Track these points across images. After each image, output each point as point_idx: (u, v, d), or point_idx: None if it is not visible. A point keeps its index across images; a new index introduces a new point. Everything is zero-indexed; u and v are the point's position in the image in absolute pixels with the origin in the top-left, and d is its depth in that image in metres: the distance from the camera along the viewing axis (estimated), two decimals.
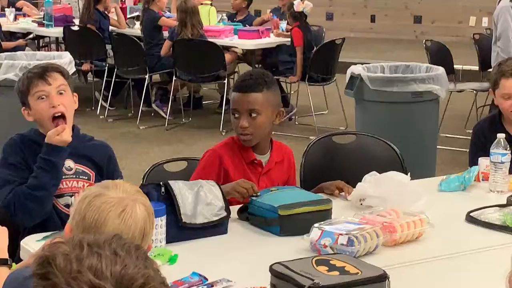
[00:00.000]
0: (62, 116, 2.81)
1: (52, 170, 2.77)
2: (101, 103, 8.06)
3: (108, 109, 8.00)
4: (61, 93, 2.82)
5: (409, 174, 2.99)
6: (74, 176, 2.87)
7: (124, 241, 1.23)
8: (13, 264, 2.41)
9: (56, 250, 1.19)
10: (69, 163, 2.85)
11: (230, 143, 3.02)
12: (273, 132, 3.09)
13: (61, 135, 2.76)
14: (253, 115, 2.92)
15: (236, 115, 2.95)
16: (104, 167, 2.92)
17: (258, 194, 2.76)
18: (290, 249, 2.45)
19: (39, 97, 2.81)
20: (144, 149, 6.85)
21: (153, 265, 1.23)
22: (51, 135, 2.76)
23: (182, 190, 2.61)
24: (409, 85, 5.15)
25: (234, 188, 2.78)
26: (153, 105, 8.02)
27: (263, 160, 3.02)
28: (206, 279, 2.21)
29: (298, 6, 7.48)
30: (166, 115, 7.71)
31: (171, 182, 2.62)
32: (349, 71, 5.38)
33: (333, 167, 3.48)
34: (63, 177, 2.84)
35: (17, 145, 2.83)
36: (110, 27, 8.34)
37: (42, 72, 2.82)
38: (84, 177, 2.88)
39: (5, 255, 2.34)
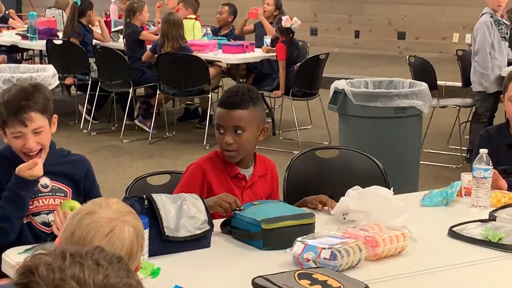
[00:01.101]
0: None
1: (18, 202, 2.72)
2: (84, 117, 8.04)
3: (92, 122, 7.98)
4: (37, 132, 2.75)
5: (392, 188, 3.00)
6: (51, 194, 2.83)
7: (106, 252, 1.23)
8: None
9: (39, 260, 1.18)
10: (45, 180, 2.81)
11: (213, 157, 3.02)
12: (256, 147, 3.09)
13: (33, 170, 2.70)
14: (239, 131, 2.93)
15: (221, 131, 2.95)
16: (82, 182, 2.88)
17: (242, 208, 2.76)
18: (273, 262, 2.45)
19: (15, 136, 2.75)
20: (128, 162, 6.83)
21: (135, 277, 1.24)
22: (22, 169, 2.70)
23: (165, 203, 2.60)
24: (393, 100, 5.17)
25: (217, 203, 2.78)
26: (136, 121, 8.01)
27: (247, 174, 3.02)
28: None
29: (285, 22, 7.52)
30: (150, 129, 7.70)
31: (154, 195, 2.62)
32: (332, 86, 5.40)
33: (317, 182, 3.48)
34: (40, 195, 2.81)
35: None
36: (94, 41, 8.33)
37: (19, 112, 2.70)
38: (60, 194, 2.84)
39: None
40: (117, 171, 6.47)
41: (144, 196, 2.61)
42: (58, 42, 8.13)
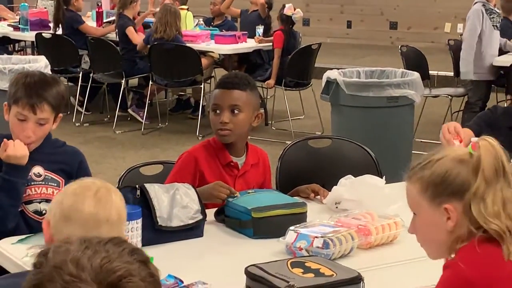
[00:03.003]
0: None
1: (10, 189, 2.72)
2: (76, 108, 8.02)
3: (84, 114, 7.97)
4: (40, 124, 2.75)
5: (384, 177, 3.01)
6: (43, 183, 2.83)
7: (123, 244, 1.22)
8: None
9: (54, 244, 1.22)
10: (38, 169, 2.81)
11: (206, 145, 3.03)
12: (249, 137, 3.10)
13: (8, 150, 2.69)
14: (235, 111, 2.94)
15: (218, 111, 2.95)
16: (74, 174, 2.86)
17: (236, 195, 2.76)
18: (266, 251, 2.45)
19: (18, 118, 2.74)
20: (120, 153, 6.83)
21: (145, 266, 1.21)
22: (10, 155, 2.70)
23: (158, 193, 2.61)
24: (385, 90, 5.19)
25: (212, 194, 2.78)
26: (129, 110, 8.00)
27: (239, 163, 3.03)
28: (182, 282, 2.21)
29: (287, 10, 7.52)
30: (143, 119, 7.70)
31: (147, 185, 2.62)
32: (325, 76, 5.41)
33: (309, 171, 3.49)
34: (32, 183, 2.80)
35: None
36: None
37: (35, 98, 2.71)
38: (53, 184, 2.84)
39: None
40: (110, 162, 6.47)
41: (136, 186, 2.62)
42: (47, 35, 8.08)
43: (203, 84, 7.51)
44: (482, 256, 1.74)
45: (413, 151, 5.62)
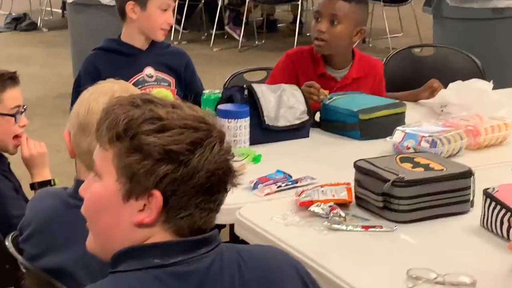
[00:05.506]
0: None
1: None
2: (174, 27, 8.10)
3: (182, 32, 8.04)
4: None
5: (491, 81, 2.94)
6: (156, 83, 2.88)
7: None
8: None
9: None
10: (149, 70, 2.87)
11: (306, 50, 2.98)
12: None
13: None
14: (335, 22, 2.89)
15: (318, 19, 2.92)
16: (182, 74, 2.94)
17: (327, 96, 2.75)
18: (372, 150, 2.45)
19: (162, 8, 2.82)
20: (218, 69, 6.88)
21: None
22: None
23: (265, 93, 2.62)
24: (490, 1, 5.02)
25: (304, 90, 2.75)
26: (226, 27, 8.02)
27: (338, 75, 2.98)
28: (291, 177, 2.24)
29: None
30: (239, 37, 7.71)
31: (254, 85, 2.65)
32: None
33: (413, 80, 3.44)
34: (146, 84, 2.86)
35: (96, 63, 2.82)
36: None
37: None
38: (164, 84, 2.90)
39: (48, 176, 2.42)
40: (208, 79, 6.50)
41: (244, 85, 2.64)
42: None
43: (300, 0, 7.43)
44: None
45: None
